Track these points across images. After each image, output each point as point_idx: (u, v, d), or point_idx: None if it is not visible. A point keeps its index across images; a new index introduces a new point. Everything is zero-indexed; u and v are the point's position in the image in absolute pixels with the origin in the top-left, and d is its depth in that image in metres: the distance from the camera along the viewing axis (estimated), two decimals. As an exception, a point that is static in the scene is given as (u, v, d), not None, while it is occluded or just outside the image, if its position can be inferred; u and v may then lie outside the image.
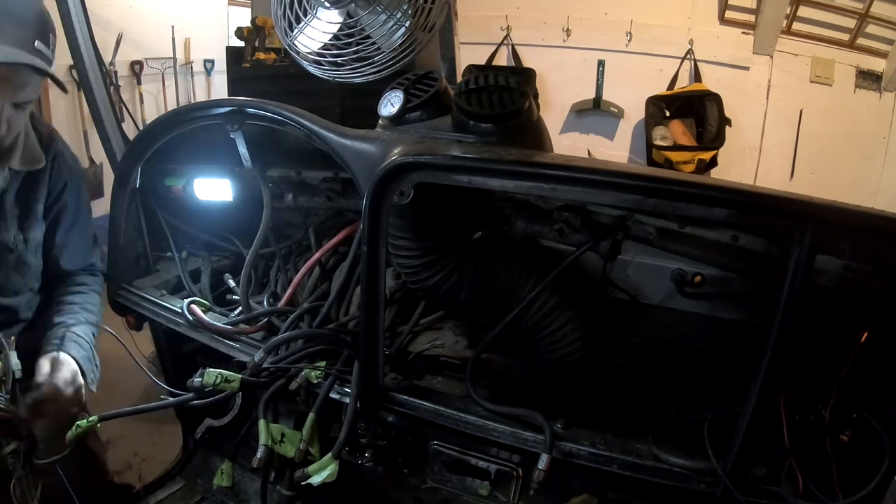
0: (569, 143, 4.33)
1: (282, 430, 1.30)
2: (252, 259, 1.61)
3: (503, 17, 4.29)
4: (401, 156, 1.14)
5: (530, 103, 1.28)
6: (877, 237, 0.97)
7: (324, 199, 1.58)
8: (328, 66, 1.51)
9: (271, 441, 1.28)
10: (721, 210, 0.98)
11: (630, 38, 4.13)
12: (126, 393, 3.00)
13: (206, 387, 1.28)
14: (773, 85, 4.07)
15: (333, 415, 1.38)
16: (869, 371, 1.04)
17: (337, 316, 1.53)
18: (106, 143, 1.79)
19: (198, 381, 1.28)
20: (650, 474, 1.11)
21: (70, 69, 4.03)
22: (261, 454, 1.26)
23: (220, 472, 1.40)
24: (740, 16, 4.01)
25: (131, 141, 1.66)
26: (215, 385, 1.27)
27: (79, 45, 1.65)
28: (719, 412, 1.11)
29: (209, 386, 1.27)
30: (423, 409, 1.26)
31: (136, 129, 1.83)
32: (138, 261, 1.73)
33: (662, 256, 1.35)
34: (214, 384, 1.27)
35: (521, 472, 1.27)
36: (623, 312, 1.45)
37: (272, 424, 1.31)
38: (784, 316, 0.96)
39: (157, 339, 1.81)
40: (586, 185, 1.05)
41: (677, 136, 4.08)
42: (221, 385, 1.27)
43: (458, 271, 1.32)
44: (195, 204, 1.74)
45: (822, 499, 1.00)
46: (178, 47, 5.22)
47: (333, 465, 1.24)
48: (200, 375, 1.28)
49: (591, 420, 1.20)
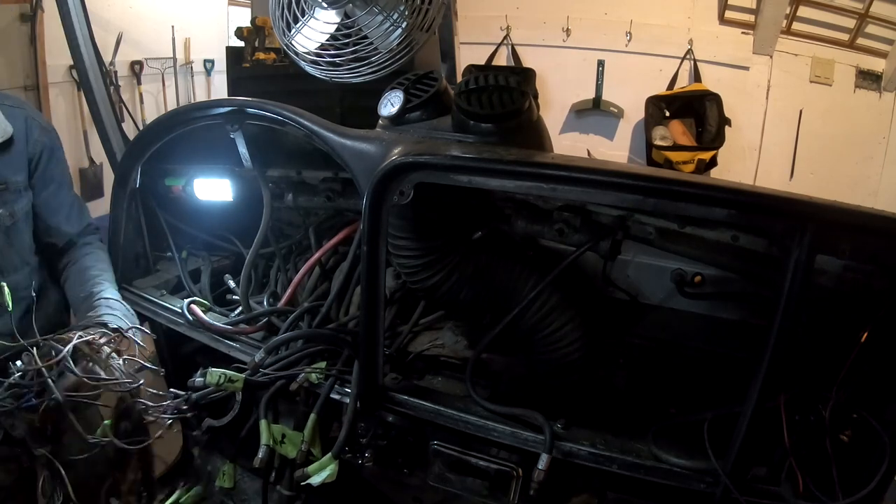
0: (569, 143, 4.33)
1: (283, 431, 1.30)
2: (252, 259, 1.60)
3: (503, 17, 4.29)
4: (401, 156, 1.14)
5: (530, 103, 1.28)
6: (877, 237, 0.97)
7: (324, 199, 1.57)
8: (326, 66, 1.51)
9: (273, 441, 1.28)
10: (721, 210, 0.98)
11: (630, 38, 4.13)
12: (126, 393, 3.01)
13: (208, 386, 1.28)
14: (773, 85, 4.07)
15: (333, 415, 1.38)
16: (869, 371, 1.04)
17: (337, 316, 1.53)
18: (106, 143, 1.79)
19: (200, 381, 1.28)
20: (650, 474, 1.11)
21: (70, 69, 4.06)
22: (262, 454, 1.26)
23: (221, 472, 1.40)
24: (740, 16, 4.02)
25: (131, 141, 1.66)
26: (218, 385, 1.27)
27: (79, 45, 1.65)
28: (719, 412, 1.11)
29: (212, 385, 1.27)
30: (423, 409, 1.26)
31: (136, 129, 1.83)
32: (138, 261, 1.73)
33: (662, 256, 1.35)
34: (217, 384, 1.27)
35: (521, 472, 1.27)
36: (623, 312, 1.45)
37: (273, 425, 1.31)
38: (784, 316, 0.96)
39: (157, 339, 1.81)
40: (586, 185, 1.05)
41: (677, 136, 4.08)
42: (225, 385, 1.27)
43: (458, 271, 1.32)
44: (195, 204, 1.74)
45: (822, 499, 1.00)
46: (178, 47, 5.23)
47: (333, 465, 1.24)
48: (203, 375, 1.28)
49: (591, 420, 1.20)
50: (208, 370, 1.28)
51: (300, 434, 1.30)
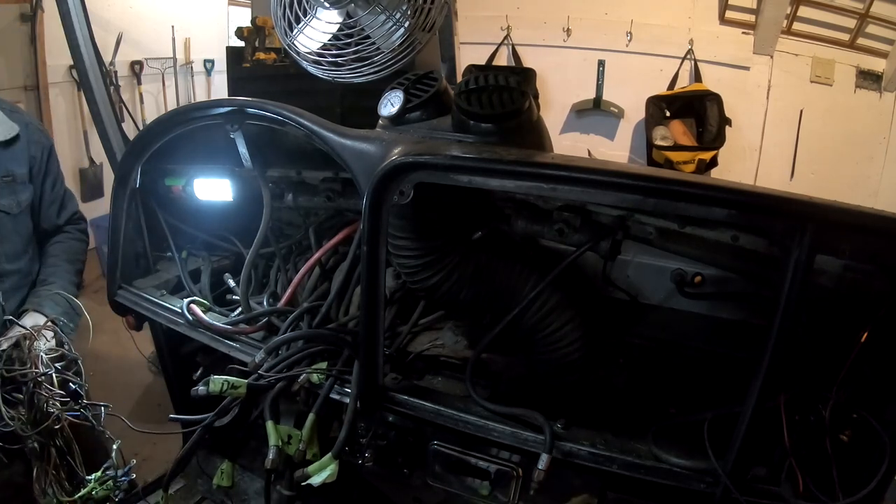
0: (569, 143, 4.33)
1: (288, 432, 1.30)
2: (252, 259, 1.61)
3: (503, 17, 4.29)
4: (401, 156, 1.14)
5: (530, 103, 1.28)
6: (877, 237, 0.97)
7: (324, 199, 1.58)
8: (328, 66, 1.51)
9: (281, 442, 1.28)
10: (721, 210, 0.98)
11: (630, 38, 4.12)
12: (126, 393, 3.01)
13: (212, 395, 1.27)
14: (774, 85, 4.06)
15: (333, 415, 1.38)
16: (869, 371, 1.04)
17: (337, 316, 1.53)
18: (106, 143, 1.79)
19: (203, 390, 1.27)
20: (650, 474, 1.11)
21: (70, 69, 4.06)
22: (272, 455, 1.26)
23: (220, 471, 1.40)
24: (740, 16, 4.01)
25: (131, 141, 1.66)
26: (222, 392, 1.26)
27: (79, 45, 1.65)
28: (719, 412, 1.11)
29: (215, 393, 1.27)
30: (423, 409, 1.26)
31: (136, 129, 1.83)
32: (138, 261, 1.73)
33: (662, 256, 1.35)
34: (221, 391, 1.26)
35: (521, 472, 1.27)
36: (623, 312, 1.45)
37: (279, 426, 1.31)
38: (784, 316, 0.96)
39: (157, 339, 1.81)
40: (586, 185, 1.04)
41: (677, 136, 4.07)
42: (228, 392, 1.27)
43: (458, 271, 1.32)
44: (195, 204, 1.74)
45: (822, 499, 1.00)
46: (178, 47, 5.23)
47: (333, 465, 1.24)
48: (206, 384, 1.27)
49: (591, 420, 1.20)
50: (210, 378, 1.28)
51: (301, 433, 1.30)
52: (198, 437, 1.34)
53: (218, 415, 1.30)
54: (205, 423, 1.32)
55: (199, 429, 1.33)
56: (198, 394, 1.28)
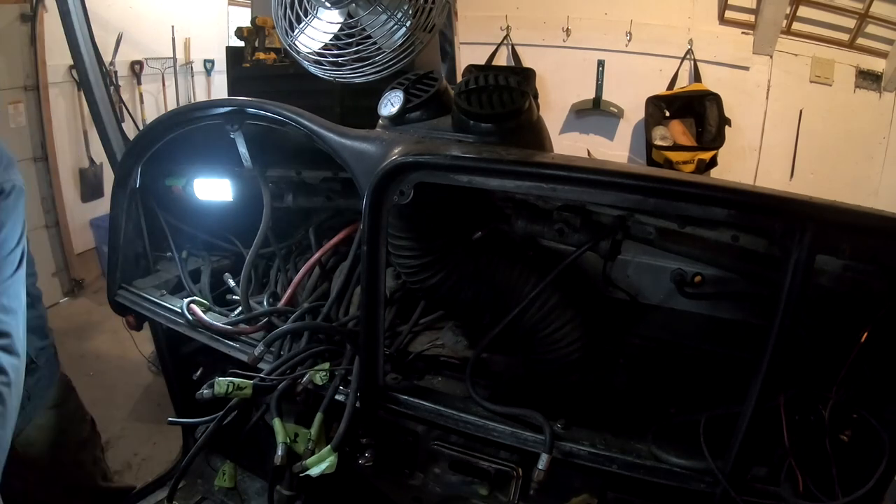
0: (569, 143, 4.33)
1: (295, 430, 1.30)
2: (252, 259, 1.60)
3: (503, 17, 4.29)
4: (401, 156, 1.14)
5: (530, 103, 1.28)
6: (877, 237, 0.97)
7: (324, 199, 1.58)
8: (329, 66, 1.50)
9: (288, 440, 1.28)
10: (721, 210, 0.98)
11: (630, 38, 4.13)
12: (126, 394, 3.01)
13: (217, 397, 1.27)
14: (773, 85, 4.06)
15: (334, 415, 1.38)
16: (869, 371, 1.04)
17: (337, 316, 1.53)
18: (106, 143, 1.79)
19: (208, 393, 1.27)
20: (650, 474, 1.11)
21: (70, 69, 4.06)
22: (281, 451, 1.26)
23: (221, 472, 1.40)
24: (740, 16, 4.01)
25: (131, 141, 1.66)
26: (227, 394, 1.26)
27: (79, 45, 1.65)
28: (719, 412, 1.11)
29: (221, 396, 1.26)
30: (423, 408, 1.26)
31: (136, 129, 1.83)
32: (138, 261, 1.73)
33: (662, 256, 1.35)
34: (227, 393, 1.26)
35: (521, 472, 1.27)
36: (623, 312, 1.45)
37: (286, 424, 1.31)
38: (784, 316, 0.96)
39: (157, 339, 1.81)
40: (586, 185, 1.04)
41: (677, 136, 4.08)
42: (234, 393, 1.27)
43: (458, 271, 1.32)
44: (195, 204, 1.74)
45: (822, 498, 1.00)
46: (178, 47, 5.22)
47: (332, 457, 1.24)
48: (210, 387, 1.27)
49: (591, 420, 1.19)
50: (215, 380, 1.27)
51: (309, 432, 1.30)
52: (205, 439, 1.33)
53: (224, 416, 1.30)
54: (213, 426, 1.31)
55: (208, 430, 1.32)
56: (203, 397, 1.28)
